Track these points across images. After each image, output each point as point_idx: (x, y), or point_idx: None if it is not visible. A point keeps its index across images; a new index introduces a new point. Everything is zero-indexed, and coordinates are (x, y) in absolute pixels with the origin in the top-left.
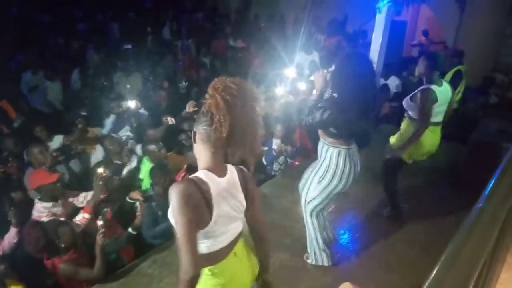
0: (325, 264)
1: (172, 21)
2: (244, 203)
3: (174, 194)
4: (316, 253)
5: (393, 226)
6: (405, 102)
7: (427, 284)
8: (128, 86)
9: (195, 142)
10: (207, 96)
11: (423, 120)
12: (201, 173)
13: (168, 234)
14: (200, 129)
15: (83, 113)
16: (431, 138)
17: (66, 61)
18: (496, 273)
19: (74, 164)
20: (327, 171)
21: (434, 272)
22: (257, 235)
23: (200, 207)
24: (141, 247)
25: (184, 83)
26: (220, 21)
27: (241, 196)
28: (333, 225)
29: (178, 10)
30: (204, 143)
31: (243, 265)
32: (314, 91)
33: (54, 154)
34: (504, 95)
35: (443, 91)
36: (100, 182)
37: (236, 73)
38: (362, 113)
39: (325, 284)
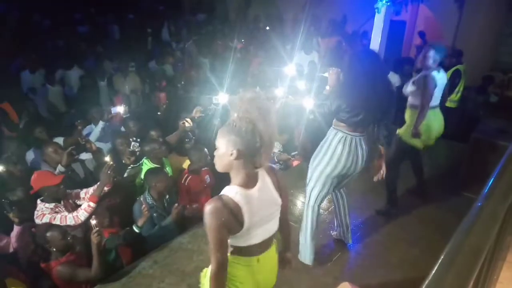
0: (307, 263)
1: (170, 22)
2: (279, 201)
3: (206, 211)
4: (301, 249)
5: (394, 225)
6: (407, 88)
7: (426, 282)
8: (126, 87)
9: (237, 159)
10: (247, 114)
11: (426, 103)
12: (232, 192)
13: (165, 236)
14: (244, 147)
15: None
16: (437, 120)
17: (66, 63)
18: (497, 272)
19: (90, 162)
20: (325, 153)
21: (434, 270)
22: (281, 229)
23: (229, 222)
24: (139, 249)
25: (182, 83)
26: (219, 21)
27: (275, 195)
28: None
29: (177, 11)
30: (247, 159)
31: (263, 271)
32: (327, 87)
33: (70, 149)
34: (503, 94)
35: (440, 77)
36: (109, 171)
37: (235, 73)
38: (372, 107)
39: (326, 284)
